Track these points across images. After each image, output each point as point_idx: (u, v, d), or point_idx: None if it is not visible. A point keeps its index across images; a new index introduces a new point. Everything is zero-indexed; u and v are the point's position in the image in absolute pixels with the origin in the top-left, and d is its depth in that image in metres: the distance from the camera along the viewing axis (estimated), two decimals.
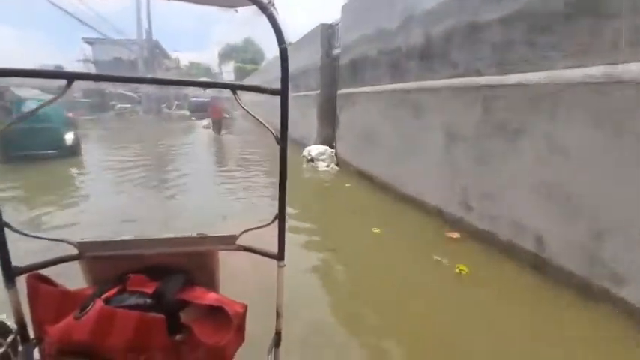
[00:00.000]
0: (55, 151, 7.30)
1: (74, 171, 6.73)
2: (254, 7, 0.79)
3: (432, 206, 3.99)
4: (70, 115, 10.16)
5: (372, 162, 5.53)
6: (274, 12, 0.77)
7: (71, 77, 0.75)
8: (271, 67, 16.60)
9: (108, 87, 33.95)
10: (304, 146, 9.06)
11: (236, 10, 0.96)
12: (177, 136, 13.90)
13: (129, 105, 24.94)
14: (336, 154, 7.05)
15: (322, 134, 8.27)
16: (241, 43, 39.81)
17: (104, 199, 4.88)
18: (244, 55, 37.46)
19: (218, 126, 13.69)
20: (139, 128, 16.74)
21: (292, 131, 11.17)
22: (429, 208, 4.03)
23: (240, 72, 33.90)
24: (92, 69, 34.46)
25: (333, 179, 6.18)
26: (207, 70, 44.62)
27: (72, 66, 41.16)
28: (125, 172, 6.46)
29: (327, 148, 7.36)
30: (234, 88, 0.89)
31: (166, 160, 8.46)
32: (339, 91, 6.86)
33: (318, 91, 8.29)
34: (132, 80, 0.85)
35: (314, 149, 7.38)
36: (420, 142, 4.23)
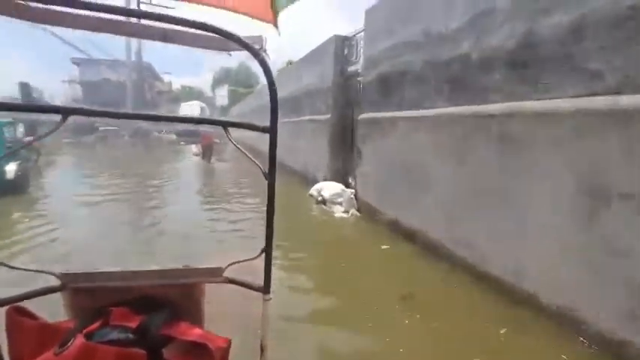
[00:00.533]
0: None
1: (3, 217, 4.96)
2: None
3: (554, 308, 2.39)
4: (29, 139, 8.54)
5: (415, 213, 3.97)
6: (266, 57, 0.82)
7: (67, 112, 0.74)
8: (265, 90, 15.68)
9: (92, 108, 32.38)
10: (310, 179, 7.53)
11: (229, 54, 1.05)
12: (161, 164, 12.29)
13: (114, 127, 23.25)
14: (356, 196, 5.47)
15: (334, 167, 6.75)
16: (236, 67, 39.21)
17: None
18: (238, 78, 36.70)
19: (209, 153, 12.30)
20: (119, 154, 15.08)
21: (295, 160, 9.27)
22: (548, 311, 2.42)
23: (234, 95, 32.94)
24: (78, 90, 33.20)
25: (358, 234, 4.56)
26: (200, 94, 43.61)
27: (57, 86, 39.89)
28: (88, 210, 5.03)
29: (344, 187, 5.80)
30: (225, 124, 0.90)
31: (141, 202, 6.75)
32: (361, 116, 5.40)
33: (328, 116, 6.86)
34: (124, 116, 0.89)
35: (327, 188, 5.81)
36: (515, 194, 2.69)
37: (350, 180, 6.38)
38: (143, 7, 1.26)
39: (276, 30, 1.41)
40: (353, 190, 5.68)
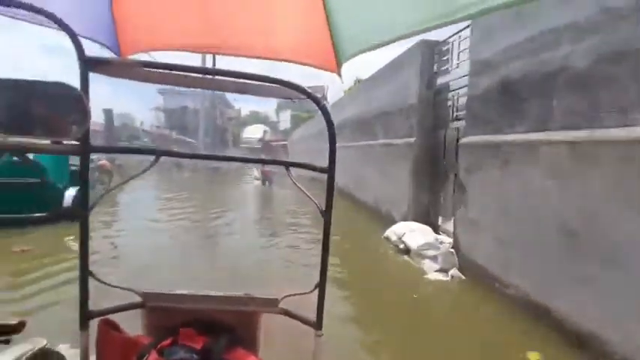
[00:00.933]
0: (43, 214, 5.33)
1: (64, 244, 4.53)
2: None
3: None
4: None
5: (585, 298, 2.38)
6: (326, 105, 0.93)
7: (158, 154, 0.89)
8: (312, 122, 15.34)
9: (172, 134, 35.76)
10: (383, 216, 6.17)
11: (294, 101, 1.08)
12: (225, 188, 12.38)
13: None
14: (456, 249, 3.95)
15: (418, 204, 5.33)
16: (319, 84, 40.44)
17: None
18: (300, 103, 37.47)
19: (269, 178, 12.29)
20: (190, 176, 15.56)
21: (363, 191, 8.10)
22: None
23: (296, 119, 33.51)
24: (161, 117, 37.05)
25: (474, 317, 3.01)
26: (266, 118, 45.67)
27: (146, 114, 45.48)
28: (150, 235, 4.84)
29: (434, 234, 4.34)
30: (286, 164, 0.98)
31: (204, 226, 6.19)
32: (465, 140, 3.98)
33: (411, 140, 5.52)
34: (203, 157, 1.35)
35: (411, 232, 4.43)
36: None
37: (441, 223, 4.88)
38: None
39: (339, 78, 1.45)
40: (450, 240, 4.17)
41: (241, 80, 0.87)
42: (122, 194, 8.73)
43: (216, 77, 0.97)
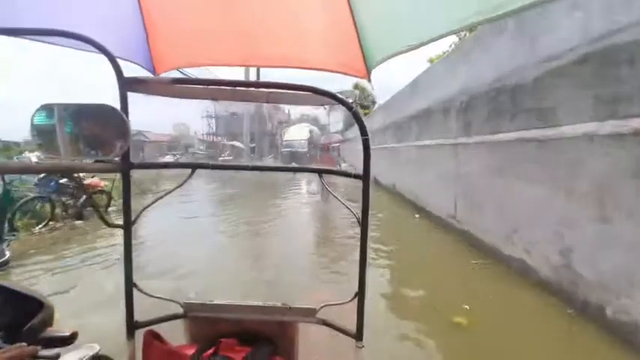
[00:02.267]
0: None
1: None
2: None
3: None
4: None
5: None
6: (357, 109, 0.89)
7: (194, 167, 1.00)
8: (381, 111, 12.99)
9: (224, 140, 36.18)
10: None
11: (325, 108, 1.16)
12: (265, 205, 10.17)
13: (230, 157, 24.34)
14: None
15: None
16: (350, 89, 38.10)
17: None
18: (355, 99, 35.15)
19: (326, 194, 9.70)
20: (222, 187, 14.31)
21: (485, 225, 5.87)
22: None
23: (350, 117, 31.19)
24: (213, 123, 37.92)
25: None
26: (316, 121, 44.08)
27: (198, 121, 47.31)
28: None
29: None
30: (320, 172, 1.03)
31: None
32: None
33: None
34: (231, 168, 1.13)
35: None
36: None
37: None
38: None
39: (369, 83, 1.48)
40: None
41: (273, 90, 0.92)
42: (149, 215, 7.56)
43: (249, 89, 1.00)
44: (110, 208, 7.42)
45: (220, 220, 6.99)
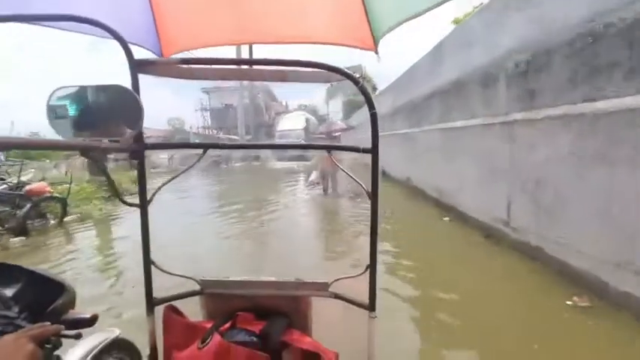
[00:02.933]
0: None
1: None
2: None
3: None
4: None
5: None
6: (364, 84, 0.90)
7: (206, 147, 1.01)
8: (388, 93, 11.33)
9: (220, 134, 34.72)
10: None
11: (331, 85, 1.16)
12: (265, 198, 8.76)
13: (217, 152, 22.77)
14: None
15: None
16: (356, 64, 36.16)
17: None
18: (354, 87, 33.37)
19: (333, 180, 8.21)
20: (213, 183, 12.89)
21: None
22: None
23: (350, 105, 29.61)
24: (207, 116, 36.33)
25: None
26: (315, 111, 42.14)
27: (192, 115, 45.84)
28: None
29: None
30: (329, 148, 1.04)
31: None
32: None
33: None
34: (242, 147, 1.80)
35: None
36: None
37: None
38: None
39: (376, 56, 1.43)
40: None
41: (279, 68, 0.92)
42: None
43: (255, 67, 0.99)
44: (70, 217, 6.09)
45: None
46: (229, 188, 11.15)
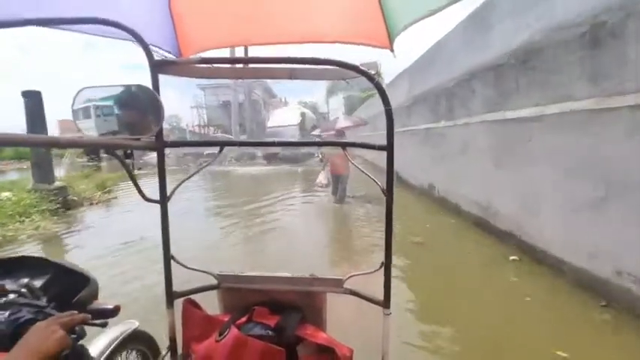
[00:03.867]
0: None
1: None
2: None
3: None
4: None
5: None
6: (380, 81, 0.91)
7: (222, 144, 1.06)
8: (402, 81, 9.59)
9: (217, 132, 33.09)
10: None
11: (347, 82, 1.14)
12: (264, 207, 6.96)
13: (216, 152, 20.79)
14: None
15: None
16: (371, 61, 34.17)
17: None
18: (352, 83, 31.59)
19: (342, 186, 6.77)
20: (219, 184, 11.24)
21: None
22: None
23: (351, 102, 27.93)
24: (203, 114, 34.63)
25: None
26: (315, 109, 40.01)
27: (188, 112, 44.23)
28: None
29: None
30: (343, 145, 1.04)
31: None
32: None
33: None
34: (259, 144, 1.56)
35: None
36: None
37: None
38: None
39: (392, 53, 1.44)
40: None
41: (296, 66, 0.94)
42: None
43: (270, 65, 0.98)
44: None
45: None
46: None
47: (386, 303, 0.97)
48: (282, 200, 7.59)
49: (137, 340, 1.39)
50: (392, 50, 1.41)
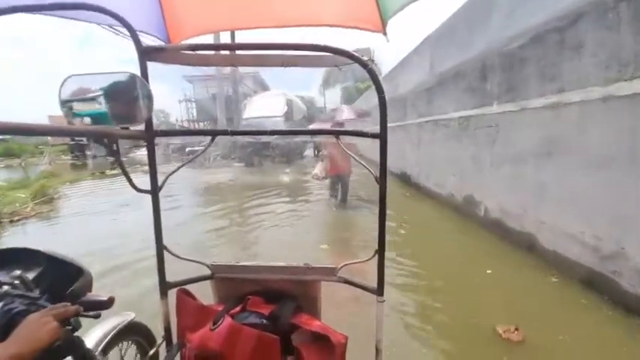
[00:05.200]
0: None
1: None
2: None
3: None
4: None
5: None
6: (374, 67, 0.93)
7: (214, 134, 1.10)
8: (401, 71, 9.18)
9: (206, 127, 32.16)
10: None
11: (340, 69, 1.11)
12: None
13: (200, 148, 19.49)
14: None
15: None
16: (364, 47, 33.50)
17: None
18: (352, 69, 31.13)
19: (344, 187, 6.34)
20: (203, 183, 10.44)
21: None
22: None
23: (349, 93, 27.49)
24: (192, 108, 33.57)
25: None
26: (311, 104, 38.97)
27: (176, 106, 42.88)
28: None
29: None
30: (337, 134, 1.07)
31: None
32: None
33: None
34: (253, 133, 1.25)
35: None
36: None
37: None
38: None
39: (385, 38, 1.41)
40: None
41: (287, 52, 0.95)
42: None
43: (264, 52, 0.97)
44: None
45: None
46: None
47: (379, 290, 1.02)
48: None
49: (133, 331, 1.41)
50: (385, 34, 1.39)
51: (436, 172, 6.72)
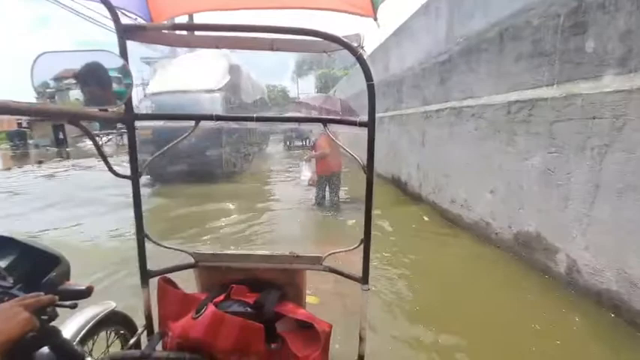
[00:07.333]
0: None
1: None
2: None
3: None
4: None
5: None
6: (363, 53, 0.89)
7: (198, 119, 1.01)
8: (401, 37, 6.77)
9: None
10: None
11: (329, 55, 1.10)
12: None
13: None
14: None
15: None
16: (353, 33, 31.20)
17: None
18: (329, 59, 28.81)
19: (334, 189, 5.37)
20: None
21: None
22: None
23: (324, 80, 25.33)
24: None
25: None
26: (285, 94, 35.95)
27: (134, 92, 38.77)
28: None
29: None
30: (324, 121, 1.04)
31: None
32: None
33: None
34: (237, 119, 1.14)
35: None
36: None
37: None
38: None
39: (375, 23, 1.38)
40: None
41: (274, 35, 0.91)
42: None
43: (249, 35, 0.93)
44: None
45: None
46: None
47: (364, 279, 1.03)
48: None
49: (114, 320, 1.40)
50: (375, 19, 1.34)
51: (454, 184, 4.58)
